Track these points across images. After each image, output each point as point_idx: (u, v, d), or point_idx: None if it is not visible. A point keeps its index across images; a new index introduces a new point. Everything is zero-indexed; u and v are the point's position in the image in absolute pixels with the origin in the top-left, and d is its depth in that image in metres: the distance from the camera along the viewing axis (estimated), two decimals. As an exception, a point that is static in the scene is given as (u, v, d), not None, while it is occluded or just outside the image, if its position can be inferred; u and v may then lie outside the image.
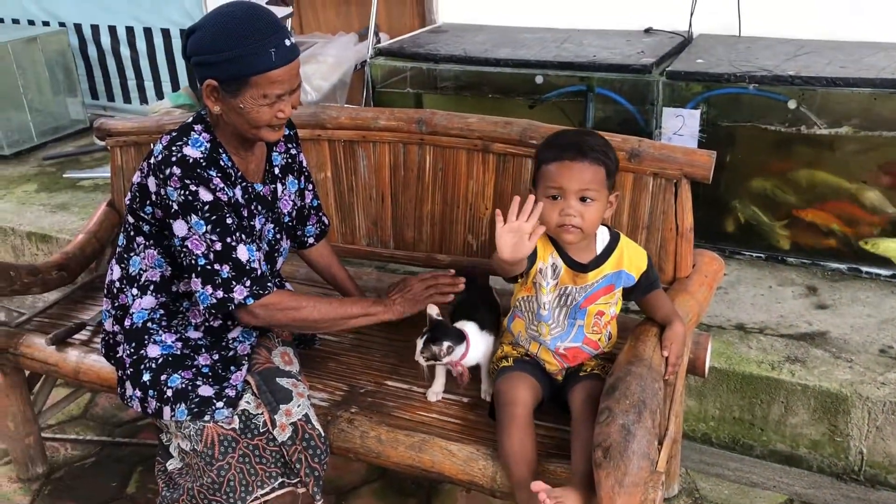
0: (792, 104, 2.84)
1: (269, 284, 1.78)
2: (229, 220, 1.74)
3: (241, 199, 1.82)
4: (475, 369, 1.94)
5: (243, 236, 1.76)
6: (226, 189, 1.74)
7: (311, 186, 2.11)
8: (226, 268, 1.73)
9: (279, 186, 1.98)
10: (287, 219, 2.03)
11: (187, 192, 1.71)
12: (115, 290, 1.95)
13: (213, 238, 1.72)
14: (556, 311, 1.82)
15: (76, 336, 2.30)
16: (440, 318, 1.86)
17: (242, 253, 1.74)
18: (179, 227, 1.73)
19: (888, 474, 2.36)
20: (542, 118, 3.33)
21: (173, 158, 1.72)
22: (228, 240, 1.73)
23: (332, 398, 1.98)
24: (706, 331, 2.65)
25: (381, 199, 2.36)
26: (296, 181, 2.04)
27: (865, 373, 2.39)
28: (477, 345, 1.88)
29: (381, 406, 1.94)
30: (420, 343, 1.84)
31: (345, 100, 3.94)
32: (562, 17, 3.83)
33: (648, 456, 1.51)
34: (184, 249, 1.74)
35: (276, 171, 1.97)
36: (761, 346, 2.56)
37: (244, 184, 1.84)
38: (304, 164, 2.08)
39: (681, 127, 3.04)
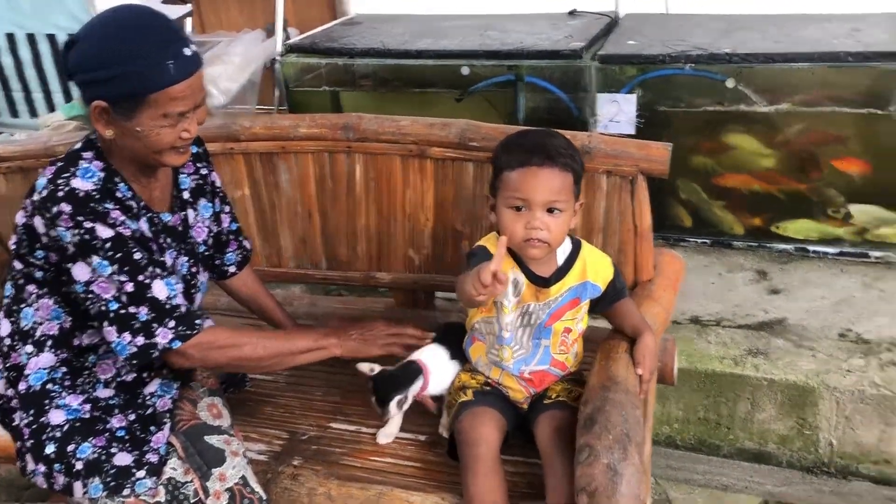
0: (730, 83, 2.73)
1: (196, 322, 1.54)
2: (138, 255, 1.49)
3: (147, 233, 1.56)
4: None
5: (158, 271, 1.51)
6: (127, 222, 1.49)
7: (227, 208, 1.86)
8: (143, 310, 1.48)
9: (190, 213, 1.73)
10: (203, 248, 1.78)
11: (82, 231, 1.45)
12: (5, 349, 1.67)
13: (123, 278, 1.47)
14: (518, 332, 1.63)
15: (-35, 398, 1.99)
16: (373, 372, 1.67)
17: (160, 290, 1.50)
18: (80, 272, 1.48)
19: (859, 464, 2.28)
20: (470, 111, 3.16)
21: (60, 193, 1.46)
22: (141, 277, 1.48)
23: (270, 449, 1.75)
24: (662, 328, 2.52)
25: (308, 216, 2.12)
26: (209, 204, 1.79)
27: (829, 361, 2.30)
28: (443, 374, 1.70)
29: (327, 454, 1.72)
30: (375, 406, 1.66)
31: (255, 101, 3.67)
32: (481, 2, 3.64)
33: (639, 497, 1.35)
34: (89, 296, 1.49)
35: (186, 195, 1.72)
36: (720, 339, 2.44)
37: (149, 215, 1.59)
38: (218, 183, 1.83)
39: (617, 113, 2.89)
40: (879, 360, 2.28)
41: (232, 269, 1.91)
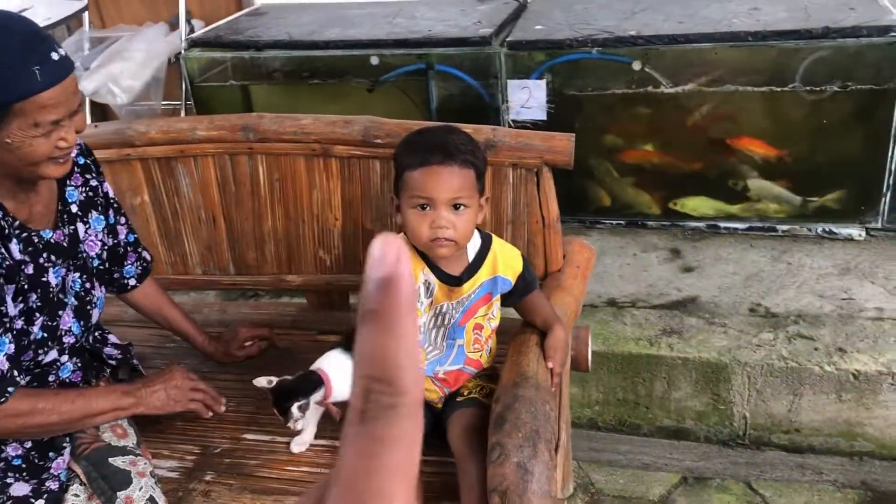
0: (636, 65, 2.75)
1: (9, 389, 1.43)
2: None
3: (18, 256, 1.48)
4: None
5: None
6: None
7: (123, 220, 1.79)
8: None
9: (80, 227, 1.65)
10: (97, 262, 1.70)
11: None
12: None
13: None
14: (432, 333, 1.62)
15: None
16: (271, 384, 1.65)
17: None
18: None
19: (771, 434, 2.36)
20: (382, 101, 3.13)
21: None
22: None
23: (182, 465, 1.70)
24: (579, 312, 2.55)
25: (212, 221, 2.06)
26: (102, 217, 1.71)
27: (741, 336, 2.36)
28: (346, 380, 1.66)
29: (240, 467, 1.68)
30: (279, 416, 1.63)
31: (160, 98, 3.54)
32: (389, -11, 3.59)
33: (550, 493, 1.36)
34: None
35: (74, 209, 1.64)
36: (636, 320, 2.48)
37: (25, 234, 1.50)
38: (111, 194, 1.76)
39: (528, 99, 2.90)
40: (786, 332, 2.35)
41: (132, 281, 1.84)
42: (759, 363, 2.27)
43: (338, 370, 1.66)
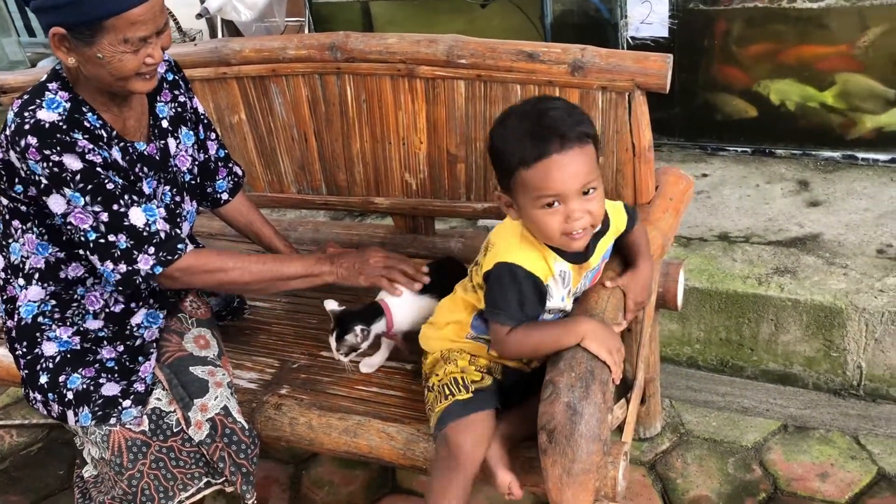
0: (771, -24, 2.50)
1: (179, 246, 1.54)
2: (110, 186, 1.49)
3: (121, 161, 1.55)
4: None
5: (134, 198, 1.51)
6: (97, 150, 1.48)
7: (213, 135, 1.84)
8: (121, 237, 1.50)
9: (171, 142, 1.71)
10: (188, 177, 1.77)
11: (51, 164, 1.45)
12: (1, 282, 1.73)
13: (97, 209, 1.48)
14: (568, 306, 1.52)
15: (-12, 325, 2.09)
16: (341, 307, 1.67)
17: (137, 217, 1.51)
18: (56, 203, 1.49)
19: (889, 387, 2.17)
20: (497, 17, 3.03)
21: (27, 126, 1.46)
22: (115, 206, 1.49)
23: (261, 378, 1.78)
24: (685, 245, 2.41)
25: (304, 140, 2.08)
26: (191, 133, 1.76)
27: (862, 280, 2.15)
28: (409, 310, 1.67)
29: (314, 383, 1.74)
30: (333, 342, 1.64)
31: (283, 14, 3.58)
32: None
33: (599, 437, 1.31)
34: (68, 227, 1.51)
35: (165, 124, 1.70)
36: (747, 257, 2.32)
37: (122, 143, 1.57)
38: (201, 110, 1.80)
39: (648, 14, 2.70)
40: (918, 278, 2.13)
41: (224, 196, 1.90)
42: (881, 310, 2.07)
43: (399, 301, 1.66)
